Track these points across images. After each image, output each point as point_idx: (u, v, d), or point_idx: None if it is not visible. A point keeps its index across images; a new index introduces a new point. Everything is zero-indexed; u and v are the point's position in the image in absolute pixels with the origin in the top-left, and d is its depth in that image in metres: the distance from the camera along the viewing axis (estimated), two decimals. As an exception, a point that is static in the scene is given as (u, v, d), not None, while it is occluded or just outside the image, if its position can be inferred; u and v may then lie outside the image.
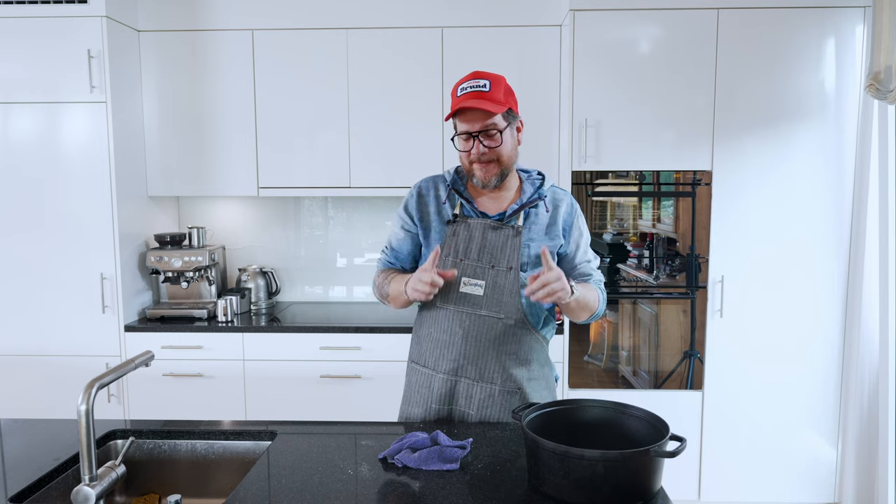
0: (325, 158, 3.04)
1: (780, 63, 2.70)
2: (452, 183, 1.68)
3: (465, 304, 1.61)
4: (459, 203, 1.67)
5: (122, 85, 2.87)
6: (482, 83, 1.54)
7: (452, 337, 1.62)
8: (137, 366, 1.31)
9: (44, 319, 2.86)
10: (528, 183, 1.70)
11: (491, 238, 1.61)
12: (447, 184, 1.69)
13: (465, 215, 1.65)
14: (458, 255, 1.62)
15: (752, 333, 2.80)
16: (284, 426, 1.60)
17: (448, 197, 1.67)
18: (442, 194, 1.69)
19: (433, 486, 1.27)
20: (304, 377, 2.86)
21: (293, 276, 3.46)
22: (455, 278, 1.60)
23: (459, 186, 1.68)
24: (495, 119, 1.55)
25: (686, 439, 1.22)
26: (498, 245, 1.61)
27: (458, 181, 1.69)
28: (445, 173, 1.73)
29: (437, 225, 1.67)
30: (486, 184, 1.60)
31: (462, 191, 1.67)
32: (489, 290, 1.60)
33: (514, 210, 1.63)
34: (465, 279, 1.61)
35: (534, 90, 2.99)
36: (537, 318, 1.66)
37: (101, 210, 2.82)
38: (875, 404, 2.73)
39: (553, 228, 1.65)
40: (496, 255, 1.60)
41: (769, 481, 2.85)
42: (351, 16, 2.96)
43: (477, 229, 1.62)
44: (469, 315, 1.61)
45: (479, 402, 1.63)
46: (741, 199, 2.76)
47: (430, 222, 1.68)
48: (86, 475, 1.18)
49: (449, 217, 1.66)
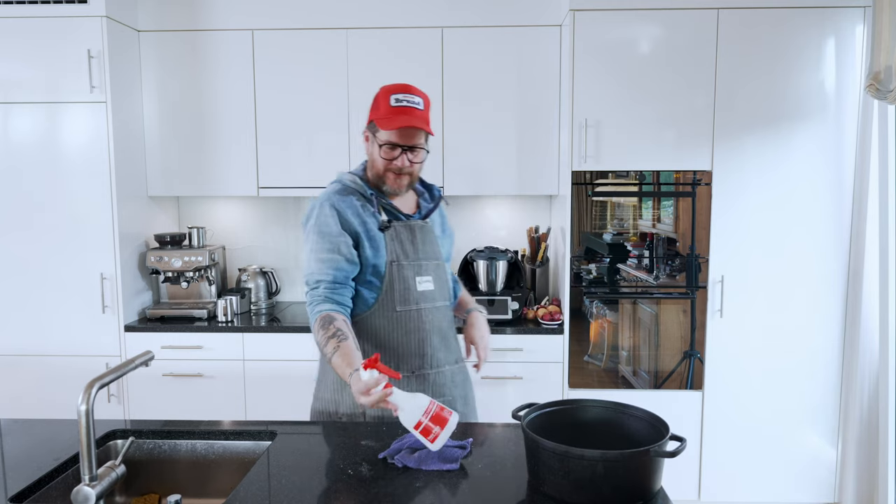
0: (325, 158, 3.04)
1: (780, 63, 2.70)
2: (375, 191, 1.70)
3: (424, 301, 1.70)
4: (381, 208, 1.69)
5: (122, 85, 2.87)
6: (417, 101, 1.62)
7: (420, 333, 1.69)
8: (137, 366, 1.31)
9: (44, 319, 2.87)
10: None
11: (421, 236, 1.72)
12: (367, 192, 1.68)
13: (396, 218, 1.70)
14: (406, 257, 1.68)
15: (752, 333, 2.80)
16: (284, 426, 1.60)
17: (378, 204, 1.68)
18: (358, 203, 1.66)
19: (433, 486, 1.27)
20: (304, 377, 2.84)
21: (293, 276, 3.46)
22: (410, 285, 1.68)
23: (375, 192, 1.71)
24: (424, 140, 1.65)
25: (686, 439, 1.23)
26: (428, 241, 1.73)
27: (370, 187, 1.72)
28: (349, 182, 1.69)
29: (365, 233, 1.63)
30: (396, 193, 1.69)
31: (383, 197, 1.70)
32: (436, 283, 1.73)
33: (429, 209, 1.77)
34: (418, 278, 1.69)
35: (534, 90, 2.99)
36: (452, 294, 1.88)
37: (101, 210, 2.82)
38: (875, 404, 2.73)
39: (444, 221, 1.86)
40: (432, 251, 1.73)
41: (769, 481, 2.85)
42: (351, 16, 2.97)
43: (414, 230, 1.71)
44: (429, 309, 1.71)
45: (462, 382, 1.78)
46: (741, 199, 2.76)
47: (359, 234, 1.63)
48: (86, 475, 1.18)
49: (378, 223, 1.66)
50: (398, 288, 1.66)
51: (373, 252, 1.64)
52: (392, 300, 1.65)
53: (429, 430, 1.34)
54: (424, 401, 1.36)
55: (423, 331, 1.69)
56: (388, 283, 1.65)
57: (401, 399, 1.35)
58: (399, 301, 1.66)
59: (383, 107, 1.62)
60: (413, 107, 1.60)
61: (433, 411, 1.35)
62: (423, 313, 1.69)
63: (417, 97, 1.62)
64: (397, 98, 1.60)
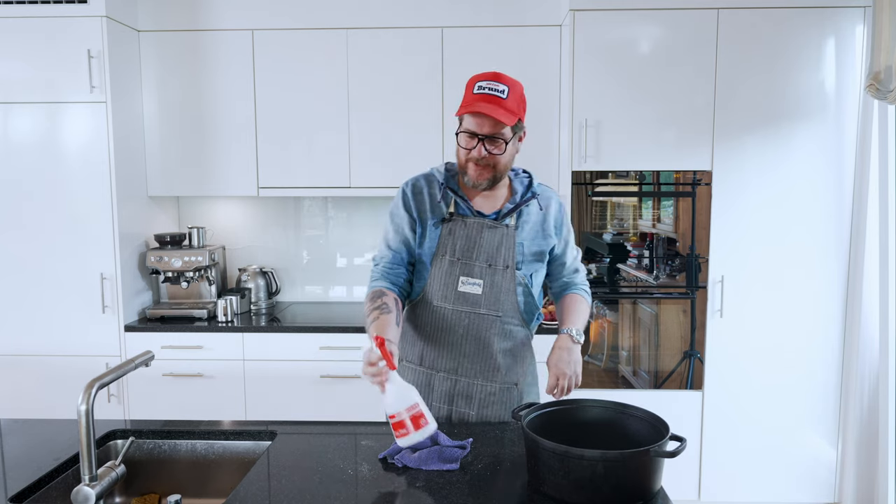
0: (325, 158, 3.04)
1: (780, 63, 2.70)
2: (446, 181, 1.66)
3: (464, 303, 1.61)
4: (454, 201, 1.65)
5: (122, 85, 2.87)
6: (501, 88, 1.53)
7: (452, 335, 1.63)
8: (137, 366, 1.31)
9: (44, 319, 2.86)
10: (517, 181, 1.71)
11: (487, 237, 1.62)
12: (440, 182, 1.67)
13: (461, 214, 1.64)
14: (454, 254, 1.61)
15: (752, 333, 2.80)
16: (284, 426, 1.60)
17: (443, 195, 1.65)
18: (436, 192, 1.66)
19: (433, 486, 1.27)
20: (304, 377, 2.86)
21: (293, 276, 3.46)
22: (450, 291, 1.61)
23: (453, 185, 1.66)
24: (504, 129, 1.54)
25: (686, 439, 1.23)
26: (494, 244, 1.62)
27: (451, 179, 1.67)
28: (435, 171, 1.70)
29: (431, 223, 1.64)
30: (477, 185, 1.59)
31: (457, 189, 1.65)
32: (487, 289, 1.61)
33: (509, 209, 1.64)
34: (462, 278, 1.61)
35: (534, 90, 2.95)
36: (531, 316, 1.70)
37: (101, 210, 2.82)
38: (875, 404, 2.73)
39: (545, 226, 1.67)
40: (493, 254, 1.61)
41: (769, 481, 2.85)
42: (351, 16, 2.96)
43: (474, 228, 1.62)
44: (468, 314, 1.61)
45: (480, 402, 1.66)
46: (741, 199, 2.76)
47: (426, 220, 1.65)
48: (86, 475, 1.18)
49: (444, 215, 1.63)
50: (439, 283, 1.62)
51: (427, 242, 1.63)
52: (432, 294, 1.62)
53: (401, 425, 1.34)
54: (412, 397, 1.36)
55: (456, 334, 1.62)
56: (431, 275, 1.63)
57: (392, 385, 1.35)
58: (437, 297, 1.62)
59: (467, 94, 1.56)
60: (495, 94, 1.52)
61: (415, 411, 1.34)
62: (460, 316, 1.62)
63: (502, 85, 1.53)
64: (480, 85, 1.54)
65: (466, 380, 1.65)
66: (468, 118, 1.55)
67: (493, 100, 1.51)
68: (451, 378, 1.64)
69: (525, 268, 1.64)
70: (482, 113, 1.51)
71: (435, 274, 1.62)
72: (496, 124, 1.52)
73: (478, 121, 1.53)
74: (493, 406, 1.66)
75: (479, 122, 1.53)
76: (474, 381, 1.64)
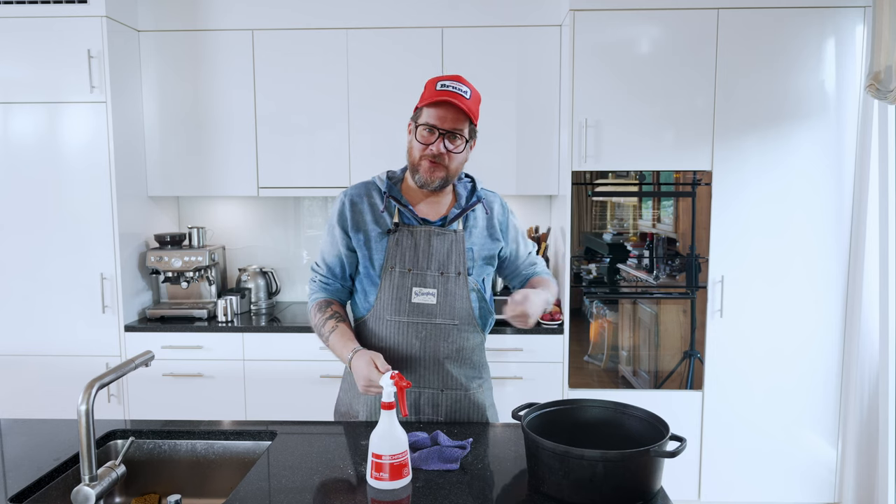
0: (325, 158, 3.04)
1: (781, 63, 2.70)
2: (388, 189, 1.61)
3: (419, 315, 1.58)
4: (397, 210, 1.60)
5: (122, 85, 2.87)
6: (464, 89, 1.53)
7: (409, 349, 1.58)
8: (137, 366, 1.31)
9: (44, 319, 2.87)
10: (460, 186, 1.69)
11: (436, 244, 1.59)
12: (382, 191, 1.62)
13: (406, 223, 1.59)
14: (405, 265, 1.57)
15: (752, 333, 2.80)
16: (284, 426, 1.60)
17: (385, 205, 1.60)
18: (377, 202, 1.61)
19: (433, 486, 1.27)
20: (304, 377, 2.86)
21: (293, 276, 3.46)
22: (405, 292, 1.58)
23: (396, 193, 1.62)
24: (465, 126, 1.53)
25: (686, 439, 1.23)
26: (444, 251, 1.59)
27: (393, 187, 1.63)
28: (376, 179, 1.65)
29: (375, 234, 1.59)
30: (427, 184, 1.56)
31: (399, 197, 1.60)
32: (441, 298, 1.58)
33: (455, 214, 1.61)
34: (416, 289, 1.57)
35: (534, 90, 2.99)
36: (485, 321, 1.68)
37: (101, 210, 2.82)
38: (875, 404, 2.73)
39: (492, 230, 1.67)
40: (444, 262, 1.59)
41: (769, 481, 2.85)
42: (351, 16, 2.97)
43: (421, 236, 1.58)
44: (424, 325, 1.58)
45: (447, 409, 1.63)
46: (741, 199, 2.76)
47: (369, 232, 1.59)
48: (86, 475, 1.18)
49: (389, 226, 1.59)
50: (390, 297, 1.57)
51: (373, 254, 1.59)
52: (383, 309, 1.58)
53: (380, 468, 1.25)
54: (400, 444, 1.26)
55: (413, 347, 1.58)
56: (381, 289, 1.58)
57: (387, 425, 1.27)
58: (390, 310, 1.58)
59: (428, 91, 1.54)
60: (459, 93, 1.51)
61: (401, 459, 1.26)
62: (415, 327, 1.57)
63: (465, 86, 1.53)
64: (443, 84, 1.52)
65: (430, 391, 1.61)
66: (429, 112, 1.52)
67: (457, 97, 1.51)
68: (415, 390, 1.61)
69: (476, 272, 1.62)
70: (448, 102, 1.49)
71: (385, 287, 1.58)
72: (458, 120, 1.52)
73: (440, 114, 1.51)
74: (461, 412, 1.64)
75: (442, 117, 1.51)
76: (439, 393, 1.62)
